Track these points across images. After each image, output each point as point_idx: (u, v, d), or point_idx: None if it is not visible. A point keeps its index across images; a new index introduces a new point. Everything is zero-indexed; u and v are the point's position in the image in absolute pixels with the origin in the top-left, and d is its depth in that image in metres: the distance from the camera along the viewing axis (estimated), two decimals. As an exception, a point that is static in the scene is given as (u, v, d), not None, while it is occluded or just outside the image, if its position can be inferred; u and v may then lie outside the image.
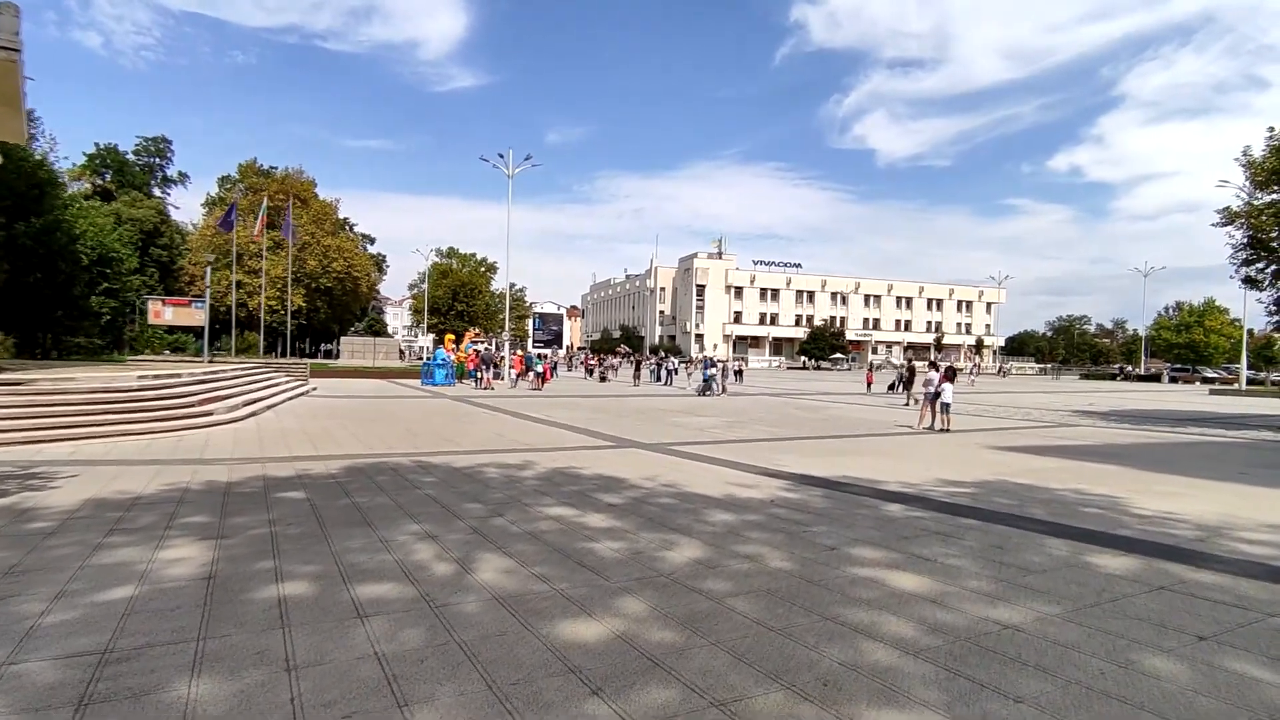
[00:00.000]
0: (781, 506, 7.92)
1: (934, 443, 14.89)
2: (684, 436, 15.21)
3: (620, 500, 8.14)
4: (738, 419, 19.69)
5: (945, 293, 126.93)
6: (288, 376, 27.37)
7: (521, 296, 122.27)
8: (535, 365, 34.47)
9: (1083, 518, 7.56)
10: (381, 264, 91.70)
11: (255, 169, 77.23)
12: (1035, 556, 5.89)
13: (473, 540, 6.21)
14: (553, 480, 9.43)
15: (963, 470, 11.02)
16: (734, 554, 5.88)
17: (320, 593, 4.75)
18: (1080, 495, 8.90)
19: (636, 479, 9.61)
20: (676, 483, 9.38)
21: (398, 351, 48.38)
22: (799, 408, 24.63)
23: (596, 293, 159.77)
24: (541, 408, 22.05)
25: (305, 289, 71.49)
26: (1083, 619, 4.46)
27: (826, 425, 18.46)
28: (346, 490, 8.45)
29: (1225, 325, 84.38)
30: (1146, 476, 10.71)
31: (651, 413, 21.10)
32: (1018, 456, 12.93)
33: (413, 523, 6.82)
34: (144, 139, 75.71)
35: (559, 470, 10.30)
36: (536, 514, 7.34)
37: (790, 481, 9.64)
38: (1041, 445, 14.91)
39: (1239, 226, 22.52)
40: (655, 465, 10.99)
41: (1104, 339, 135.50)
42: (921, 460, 12.16)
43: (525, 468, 10.49)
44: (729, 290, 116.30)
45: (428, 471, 10.02)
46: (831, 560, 5.73)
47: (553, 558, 5.70)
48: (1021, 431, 18.05)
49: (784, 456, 12.25)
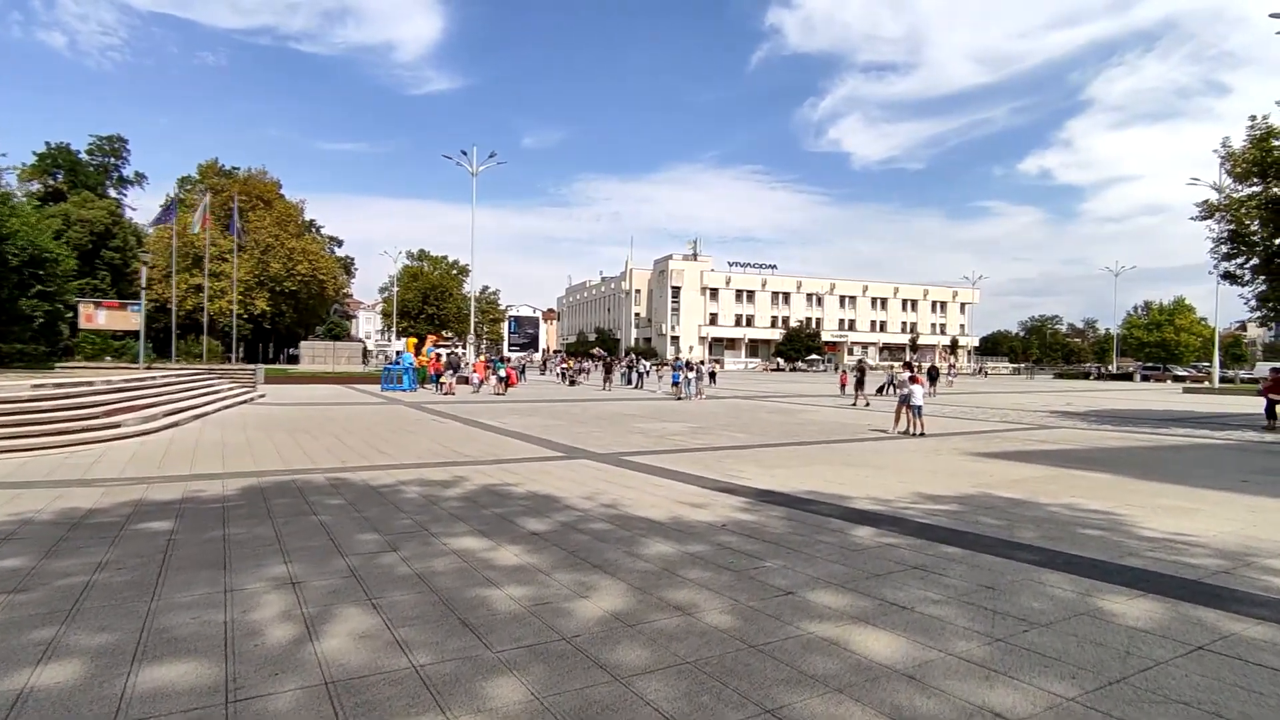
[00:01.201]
0: (733, 532, 6.76)
1: (909, 449, 13.85)
2: (643, 445, 14.04)
3: (546, 527, 6.93)
4: (704, 424, 18.56)
5: (920, 293, 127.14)
6: (233, 383, 25.82)
7: (495, 299, 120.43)
8: (499, 369, 33.11)
9: (1083, 543, 6.48)
10: (350, 267, 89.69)
11: (216, 169, 74.87)
12: (1036, 601, 4.77)
13: (343, 588, 4.98)
14: (477, 501, 8.20)
15: (941, 482, 9.95)
16: (663, 603, 4.71)
17: (86, 680, 3.49)
18: (1075, 513, 7.84)
19: (574, 498, 8.42)
20: (618, 502, 8.19)
21: (361, 356, 46.65)
22: (771, 411, 23.57)
23: (572, 295, 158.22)
24: (499, 414, 20.78)
25: (270, 292, 69.36)
26: (1111, 705, 3.33)
27: (797, 430, 17.39)
28: (227, 518, 7.16)
29: (1195, 324, 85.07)
30: (1143, 487, 9.70)
31: (615, 418, 19.92)
32: (1000, 464, 11.90)
33: (280, 563, 5.58)
34: (98, 138, 73.18)
35: (489, 488, 9.08)
36: (439, 547, 6.12)
37: (748, 499, 8.49)
38: (1024, 450, 13.93)
39: (1219, 220, 21.83)
40: (600, 480, 9.80)
41: (1075, 339, 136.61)
42: (896, 470, 11.08)
43: (452, 485, 9.25)
44: (704, 292, 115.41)
45: (338, 491, 8.76)
46: (784, 611, 4.57)
47: (432, 613, 4.49)
48: (1001, 435, 17.10)
49: (747, 467, 11.11)
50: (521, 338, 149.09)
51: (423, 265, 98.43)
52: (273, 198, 73.21)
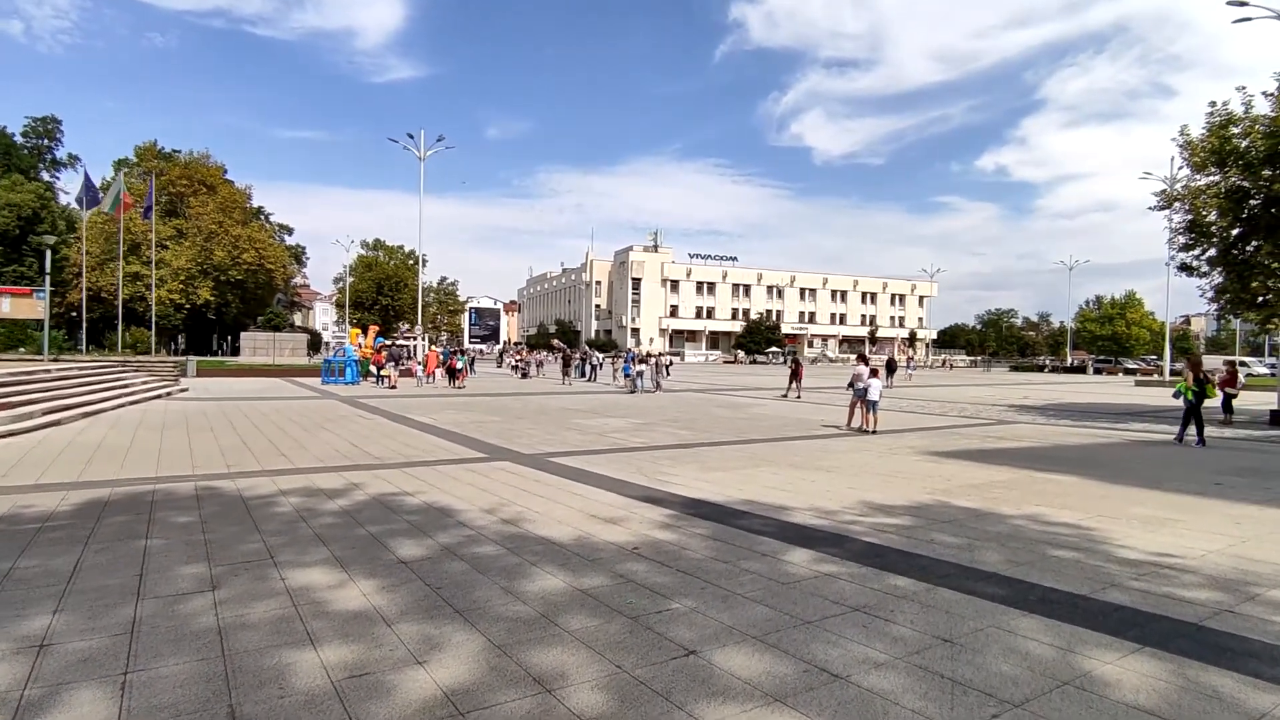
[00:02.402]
0: (645, 558, 5.64)
1: (862, 448, 12.90)
2: (577, 444, 12.89)
3: (420, 552, 5.73)
4: (649, 420, 17.46)
5: (879, 286, 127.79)
6: (150, 377, 24.01)
7: (454, 290, 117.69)
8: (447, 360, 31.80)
9: (1056, 570, 5.48)
10: (300, 256, 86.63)
11: (155, 152, 71.36)
12: (1006, 664, 3.71)
13: (102, 653, 3.73)
14: (357, 517, 6.96)
15: (894, 487, 8.96)
16: (522, 673, 3.55)
17: None
18: (1043, 527, 6.88)
19: (473, 512, 7.22)
20: (522, 517, 7.02)
21: (306, 347, 44.62)
22: (722, 406, 22.58)
23: (533, 287, 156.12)
24: (435, 409, 19.45)
25: (215, 281, 66.40)
26: None
27: (745, 426, 16.38)
28: (30, 545, 5.82)
29: (1145, 317, 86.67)
30: (1114, 493, 8.83)
31: (556, 414, 18.72)
32: (958, 465, 10.99)
33: (48, 612, 4.30)
34: (32, 119, 69.37)
35: (382, 498, 7.84)
36: (272, 585, 4.89)
37: (674, 511, 7.38)
38: (984, 449, 13.08)
39: (1177, 210, 21.35)
40: (512, 488, 8.61)
41: (1030, 332, 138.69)
42: (845, 473, 10.08)
43: (340, 495, 7.99)
44: (665, 284, 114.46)
45: (200, 505, 7.44)
46: (677, 685, 3.45)
47: (193, 697, 3.26)
48: (959, 431, 16.30)
49: (682, 470, 10.03)
50: (482, 329, 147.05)
51: (378, 255, 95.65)
52: (216, 182, 70.11)
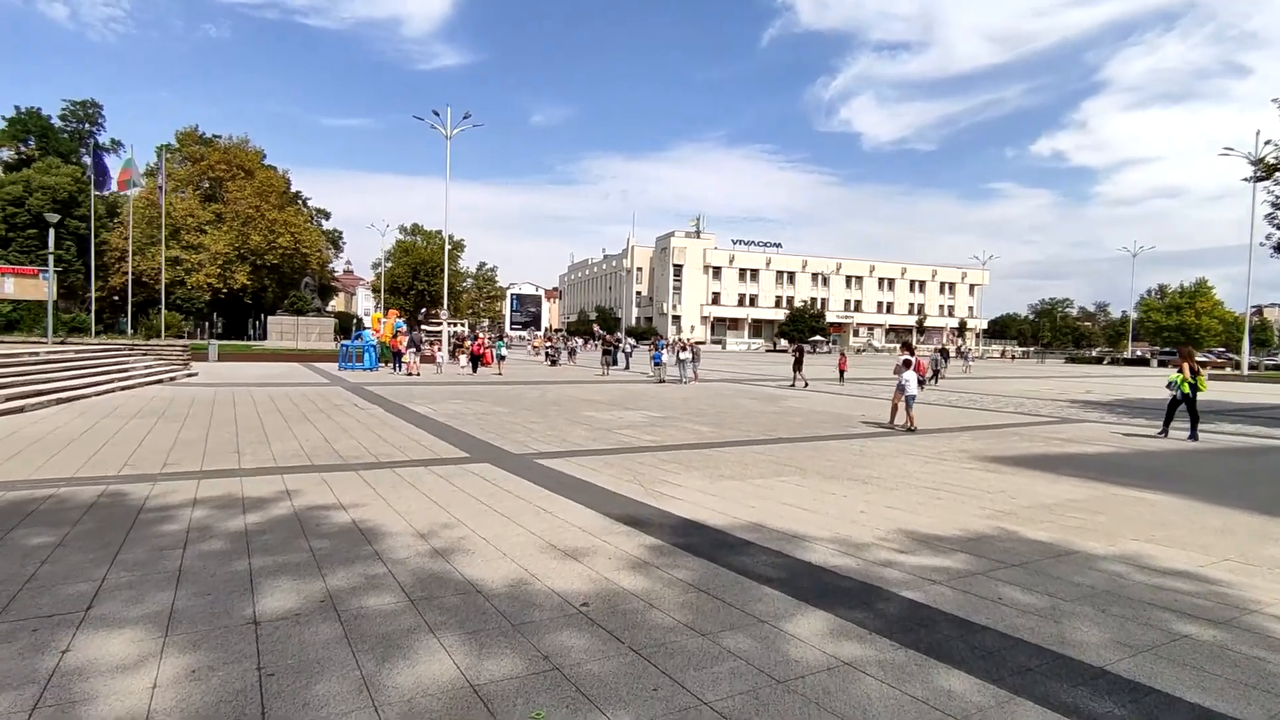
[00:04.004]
0: (591, 623, 4.04)
1: (905, 451, 11.09)
2: (578, 442, 11.36)
3: (292, 603, 4.23)
4: (670, 413, 15.85)
5: (928, 274, 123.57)
6: (157, 360, 23.23)
7: (492, 276, 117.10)
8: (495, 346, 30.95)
9: (1195, 665, 3.73)
10: (337, 240, 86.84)
11: (196, 137, 71.74)
12: None
13: None
14: (254, 542, 5.51)
15: (943, 507, 7.20)
16: None
17: None
18: (1152, 579, 5.08)
19: (402, 536, 5.72)
20: (458, 546, 5.49)
21: (333, 332, 44.03)
22: (755, 397, 20.83)
23: (574, 273, 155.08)
24: (441, 398, 18.15)
25: (251, 265, 66.68)
26: None
27: (775, 422, 14.66)
28: None
29: (1216, 307, 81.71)
30: (1233, 521, 6.93)
31: (570, 405, 17.22)
32: (1022, 477, 9.14)
33: None
34: (71, 103, 70.21)
35: (305, 514, 6.40)
36: (36, 665, 3.44)
37: (658, 540, 5.77)
38: (1050, 455, 11.14)
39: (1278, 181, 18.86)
40: (473, 501, 7.09)
41: (1086, 322, 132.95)
42: (882, 485, 8.33)
43: (259, 508, 6.57)
44: (707, 270, 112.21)
45: (83, 518, 6.10)
46: None
47: None
48: (1017, 431, 14.32)
49: (687, 479, 8.40)
50: (523, 315, 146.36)
51: (415, 239, 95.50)
52: (254, 167, 70.25)
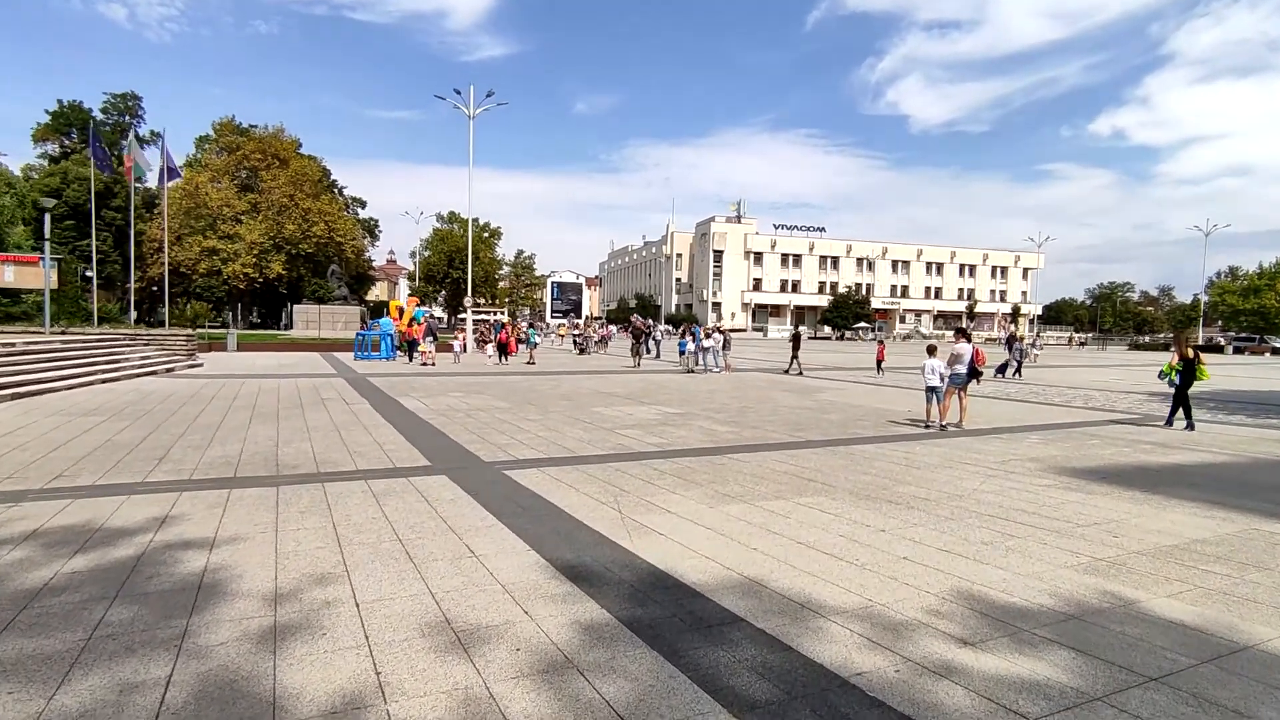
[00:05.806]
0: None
1: (958, 460, 9.10)
2: (570, 445, 9.65)
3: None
4: (690, 409, 14.05)
5: (979, 258, 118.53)
6: (154, 351, 22.22)
7: (530, 264, 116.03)
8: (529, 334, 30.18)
9: None
10: (373, 229, 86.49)
11: (232, 127, 71.91)
12: None
13: None
14: (35, 605, 3.92)
15: (1016, 554, 5.27)
16: None
17: None
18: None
19: (248, 596, 4.06)
20: (307, 621, 3.79)
21: (359, 321, 43.04)
22: (788, 389, 18.87)
23: (614, 260, 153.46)
24: (442, 390, 16.70)
25: (286, 255, 66.57)
26: None
27: (807, 420, 12.74)
28: None
29: (1299, 289, 76.06)
30: None
31: (581, 400, 15.52)
32: (1117, 499, 7.10)
33: None
34: (112, 96, 70.80)
35: (158, 553, 4.81)
36: None
37: (604, 611, 4.00)
38: (1146, 467, 9.03)
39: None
40: (385, 538, 5.40)
41: (1148, 307, 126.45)
42: (933, 513, 6.39)
43: (116, 540, 5.00)
44: (748, 256, 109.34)
45: None
46: None
47: None
48: (1095, 432, 12.14)
49: (679, 502, 6.60)
50: (564, 303, 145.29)
51: (452, 228, 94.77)
52: (289, 156, 70.05)
